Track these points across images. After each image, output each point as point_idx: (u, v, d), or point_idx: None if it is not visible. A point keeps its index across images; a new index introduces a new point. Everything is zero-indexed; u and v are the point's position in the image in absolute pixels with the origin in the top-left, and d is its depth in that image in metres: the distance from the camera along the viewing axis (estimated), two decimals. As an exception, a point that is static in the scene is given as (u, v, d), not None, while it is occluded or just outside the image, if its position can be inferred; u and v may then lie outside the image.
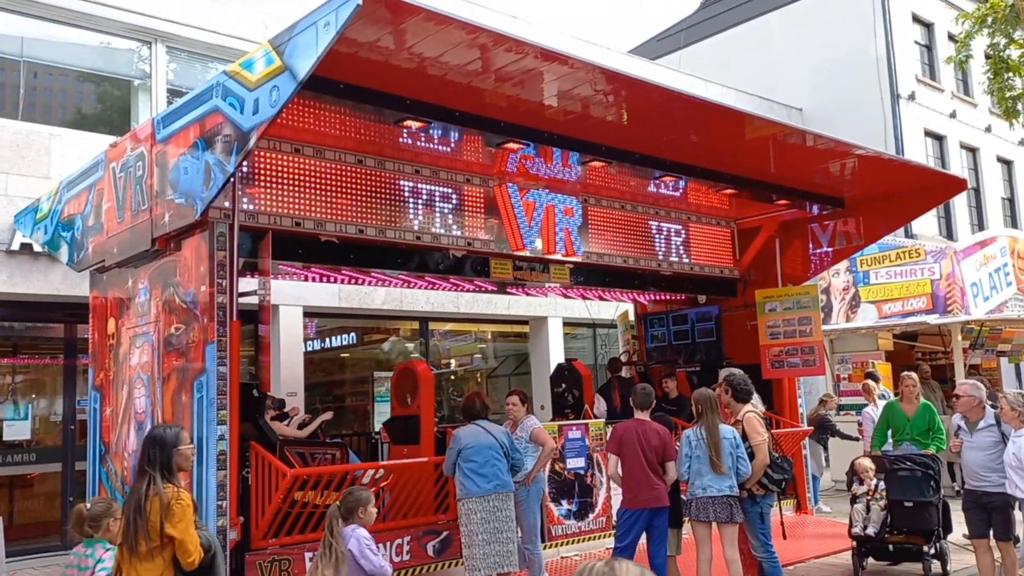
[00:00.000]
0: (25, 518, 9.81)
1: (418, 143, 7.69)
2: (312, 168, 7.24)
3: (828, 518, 10.56)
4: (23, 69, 10.02)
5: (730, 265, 10.98)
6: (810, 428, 10.89)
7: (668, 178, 8.82)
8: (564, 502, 8.35)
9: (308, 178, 7.20)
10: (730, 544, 6.41)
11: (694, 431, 6.54)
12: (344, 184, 7.42)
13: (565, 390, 10.47)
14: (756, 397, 7.08)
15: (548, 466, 7.92)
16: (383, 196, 7.65)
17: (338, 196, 7.37)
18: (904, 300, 13.63)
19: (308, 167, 7.21)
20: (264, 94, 5.21)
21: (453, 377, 15.12)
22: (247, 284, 6.87)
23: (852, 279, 14.27)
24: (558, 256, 8.96)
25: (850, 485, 8.27)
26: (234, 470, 6.13)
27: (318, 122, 7.09)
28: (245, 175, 6.72)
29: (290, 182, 7.09)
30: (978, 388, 6.87)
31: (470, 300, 13.08)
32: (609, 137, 7.69)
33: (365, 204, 7.53)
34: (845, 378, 14.10)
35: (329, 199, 7.30)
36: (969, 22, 14.47)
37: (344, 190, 7.41)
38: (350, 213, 7.43)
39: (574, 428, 8.63)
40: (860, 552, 7.70)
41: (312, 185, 7.21)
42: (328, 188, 7.31)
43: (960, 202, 21.06)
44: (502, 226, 8.45)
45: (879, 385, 11.66)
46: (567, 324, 14.91)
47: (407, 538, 7.26)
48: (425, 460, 7.45)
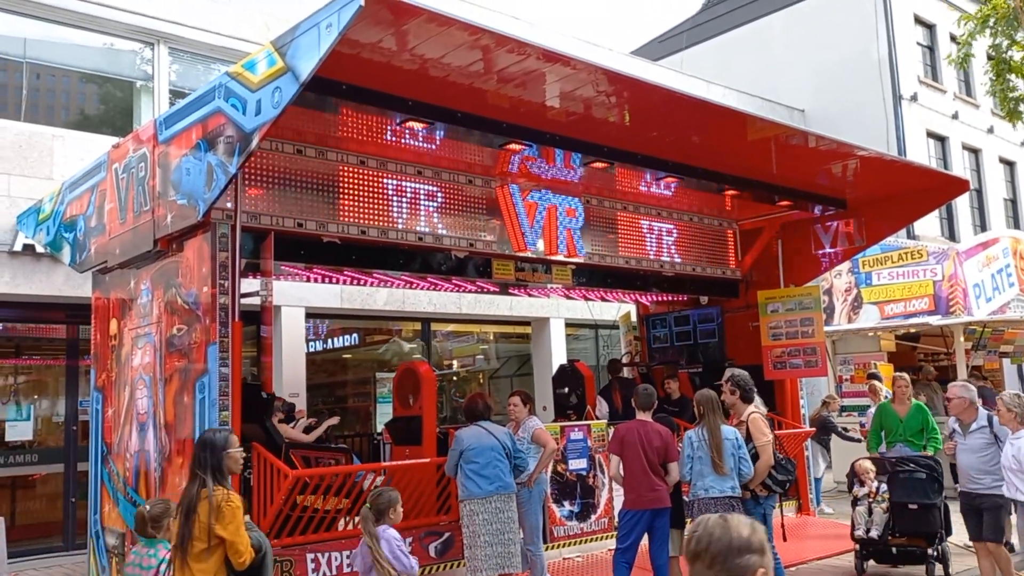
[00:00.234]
0: (27, 519, 9.83)
1: (420, 144, 7.69)
2: (314, 169, 7.24)
3: (830, 519, 10.55)
4: (26, 70, 10.04)
5: (732, 266, 10.97)
6: (812, 429, 10.88)
7: (670, 179, 8.81)
8: (566, 503, 8.35)
9: (310, 179, 7.21)
10: (732, 545, 6.40)
11: (696, 432, 6.53)
12: (346, 185, 7.42)
13: (567, 391, 10.46)
14: (758, 399, 7.05)
15: (550, 467, 7.92)
16: (385, 197, 7.65)
17: (340, 197, 7.37)
18: (906, 301, 13.61)
19: (310, 168, 7.22)
20: (266, 95, 5.21)
21: (455, 378, 15.11)
22: (249, 285, 6.87)
23: (854, 280, 14.25)
24: (560, 257, 8.95)
25: (851, 487, 8.25)
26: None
27: (319, 122, 7.08)
28: (247, 176, 6.72)
29: (292, 183, 7.10)
30: (967, 389, 6.84)
31: (472, 301, 13.09)
32: (611, 138, 7.68)
33: (367, 205, 7.54)
34: (847, 379, 14.08)
35: (331, 200, 7.31)
36: (971, 23, 14.45)
37: (346, 191, 7.42)
38: (352, 214, 7.44)
39: (576, 429, 8.62)
40: (862, 555, 7.69)
41: (314, 186, 7.22)
42: (330, 189, 7.31)
43: (962, 203, 21.04)
44: (504, 227, 8.45)
45: (884, 386, 11.64)
46: (569, 325, 14.91)
47: (409, 539, 7.20)
48: (427, 461, 7.44)
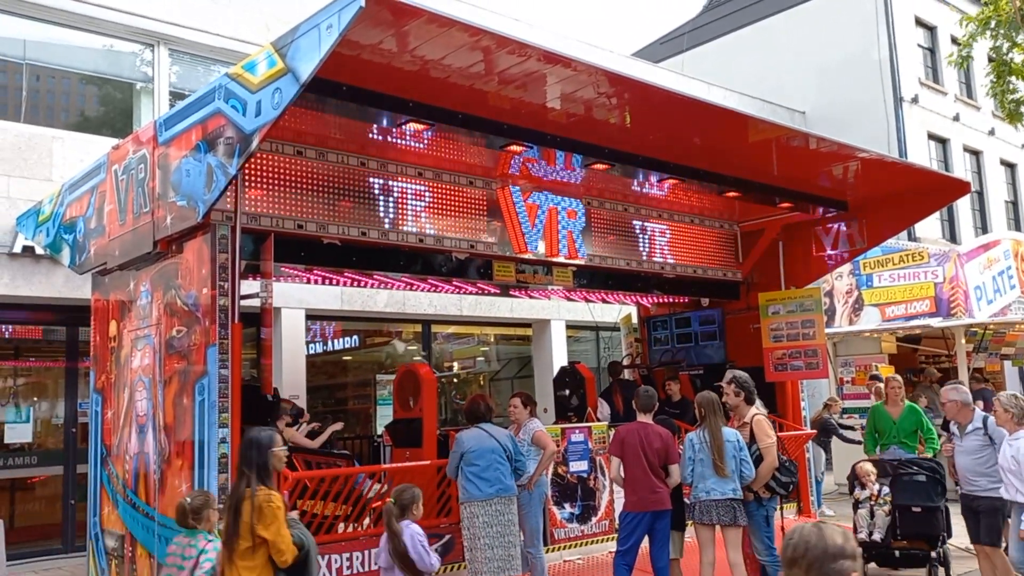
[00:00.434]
0: (26, 521, 9.81)
1: (422, 145, 7.68)
2: (315, 170, 7.23)
3: (831, 521, 10.51)
4: (26, 72, 10.03)
5: (733, 268, 10.95)
6: (813, 431, 10.86)
7: (671, 181, 8.79)
8: (567, 505, 8.32)
9: (311, 180, 7.19)
10: (733, 547, 6.39)
11: (697, 434, 6.52)
12: (347, 186, 7.41)
13: (568, 393, 10.45)
14: (758, 400, 7.03)
15: (551, 469, 7.90)
16: (386, 198, 7.64)
17: (341, 198, 7.36)
18: (907, 303, 13.59)
19: (311, 169, 7.21)
20: (266, 96, 5.19)
21: (456, 380, 15.10)
22: (249, 286, 6.85)
23: (855, 282, 14.23)
24: (561, 259, 8.93)
25: (852, 489, 8.23)
26: (235, 472, 6.10)
27: (320, 124, 7.07)
28: (247, 177, 6.71)
29: (292, 184, 7.09)
30: (958, 391, 6.84)
31: (473, 303, 13.08)
32: (612, 140, 7.66)
33: (368, 206, 7.52)
34: (848, 381, 14.06)
35: (332, 201, 7.30)
36: (972, 25, 14.44)
37: (347, 192, 7.40)
38: (353, 215, 7.42)
39: (577, 431, 8.60)
40: (864, 557, 7.67)
41: (315, 187, 7.21)
42: (331, 190, 7.30)
43: (963, 205, 21.03)
44: (505, 229, 8.44)
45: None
46: (570, 327, 14.90)
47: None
48: (427, 463, 7.43)
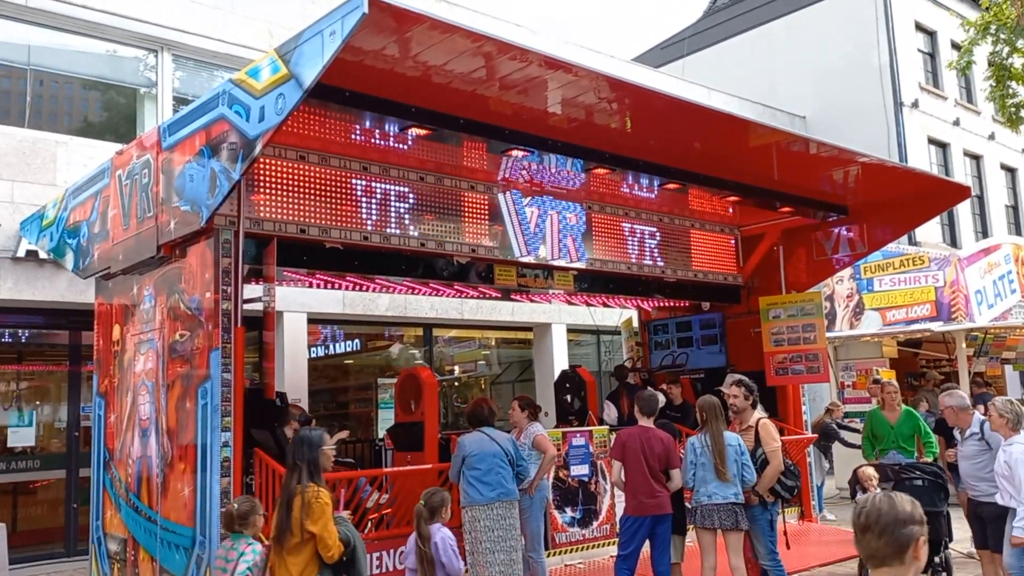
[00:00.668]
0: (29, 525, 9.83)
1: (422, 150, 7.71)
2: (317, 175, 7.26)
3: (833, 526, 10.54)
4: (30, 77, 10.07)
5: (734, 272, 10.98)
6: (814, 436, 10.87)
7: (672, 185, 8.82)
8: (568, 509, 8.33)
9: (313, 185, 7.23)
10: (735, 552, 6.40)
11: (699, 438, 6.53)
12: (349, 191, 7.44)
13: (569, 397, 10.47)
14: (759, 405, 7.05)
15: (552, 473, 7.91)
16: (387, 202, 7.67)
17: (343, 203, 7.39)
18: (908, 307, 13.61)
19: (313, 174, 7.24)
20: (270, 102, 5.22)
21: (457, 384, 15.12)
22: (252, 291, 6.90)
23: (856, 286, 14.25)
24: (562, 263, 8.96)
25: (854, 494, 8.23)
26: (238, 476, 6.13)
27: (323, 129, 7.11)
28: (250, 182, 6.74)
29: (295, 189, 7.12)
30: (953, 396, 6.82)
31: (474, 307, 13.11)
32: (613, 145, 7.70)
33: (370, 210, 7.55)
34: (849, 385, 14.08)
35: (334, 206, 7.33)
36: (973, 30, 14.48)
37: (349, 197, 7.43)
38: (355, 220, 7.46)
39: (578, 435, 8.62)
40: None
41: (317, 192, 7.24)
42: (333, 195, 7.33)
43: (964, 210, 21.04)
44: (506, 233, 8.47)
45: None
46: (571, 331, 14.91)
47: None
48: (429, 467, 7.45)
